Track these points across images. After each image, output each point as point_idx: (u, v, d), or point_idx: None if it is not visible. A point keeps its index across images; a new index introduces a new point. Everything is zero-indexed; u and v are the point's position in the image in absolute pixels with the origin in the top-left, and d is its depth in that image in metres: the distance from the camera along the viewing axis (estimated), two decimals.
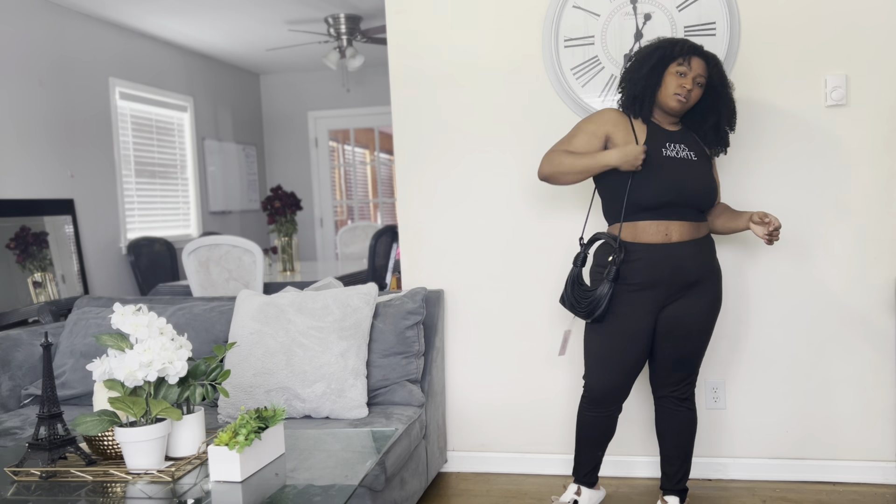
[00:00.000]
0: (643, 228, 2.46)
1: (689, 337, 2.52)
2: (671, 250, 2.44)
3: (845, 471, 2.97)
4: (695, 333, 2.53)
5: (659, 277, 2.45)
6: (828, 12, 2.87)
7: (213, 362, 2.02)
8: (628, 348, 2.50)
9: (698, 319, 2.51)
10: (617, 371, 2.53)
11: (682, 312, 2.49)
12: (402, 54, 3.22)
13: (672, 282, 2.45)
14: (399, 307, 2.90)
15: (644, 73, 2.43)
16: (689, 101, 2.43)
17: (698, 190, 2.46)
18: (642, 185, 2.43)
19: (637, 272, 2.45)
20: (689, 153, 2.49)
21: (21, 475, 1.88)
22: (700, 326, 2.53)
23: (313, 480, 1.88)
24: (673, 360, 2.56)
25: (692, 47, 2.42)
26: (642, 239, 2.46)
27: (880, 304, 2.92)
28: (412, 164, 3.25)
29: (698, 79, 2.41)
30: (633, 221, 2.47)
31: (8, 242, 4.54)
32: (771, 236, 2.38)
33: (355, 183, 8.29)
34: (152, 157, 6.26)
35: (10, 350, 3.05)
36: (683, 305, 2.49)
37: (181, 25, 5.99)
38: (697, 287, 2.49)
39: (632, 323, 2.48)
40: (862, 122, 2.89)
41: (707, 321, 2.54)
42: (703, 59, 2.43)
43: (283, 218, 5.14)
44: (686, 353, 2.55)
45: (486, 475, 3.20)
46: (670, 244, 2.44)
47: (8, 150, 4.65)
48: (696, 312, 2.50)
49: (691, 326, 2.51)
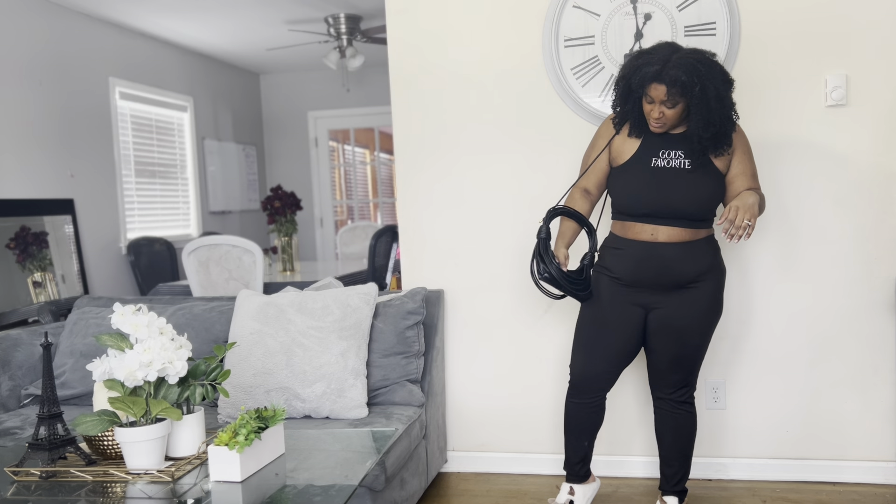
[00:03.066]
0: (631, 226, 2.48)
1: (682, 339, 2.49)
2: (657, 250, 2.43)
3: (845, 471, 2.97)
4: (689, 336, 2.49)
5: (642, 276, 2.46)
6: (828, 12, 2.87)
7: (212, 362, 2.02)
8: (608, 336, 2.53)
9: (692, 322, 2.48)
10: (597, 357, 2.55)
11: (674, 314, 2.47)
12: (402, 54, 3.22)
13: (658, 282, 2.45)
14: (399, 307, 2.90)
15: (624, 105, 2.46)
16: (667, 122, 2.39)
17: (687, 201, 2.41)
18: (629, 196, 2.46)
19: (622, 266, 2.48)
20: (685, 161, 2.42)
21: (21, 475, 1.87)
22: (695, 329, 2.49)
23: (313, 480, 1.88)
24: (667, 362, 2.54)
25: (647, 76, 2.32)
26: (629, 235, 2.48)
27: (880, 304, 2.92)
28: (412, 164, 3.24)
29: (666, 103, 2.34)
30: (622, 221, 2.52)
31: (8, 242, 4.54)
32: (727, 233, 2.27)
33: (355, 183, 8.29)
34: (152, 156, 6.26)
35: (10, 350, 3.05)
36: (675, 307, 2.47)
37: (181, 25, 5.99)
38: (691, 289, 2.46)
39: (611, 312, 2.51)
40: (862, 121, 2.88)
41: (702, 324, 2.50)
42: (660, 83, 2.31)
43: (283, 218, 5.14)
44: (680, 356, 2.52)
45: (486, 475, 3.20)
46: (657, 244, 2.43)
47: (8, 149, 4.65)
48: (688, 314, 2.47)
49: (684, 329, 2.48)
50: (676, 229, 2.42)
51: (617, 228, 2.53)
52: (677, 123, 2.42)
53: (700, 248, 2.46)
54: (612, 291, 2.51)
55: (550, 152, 3.11)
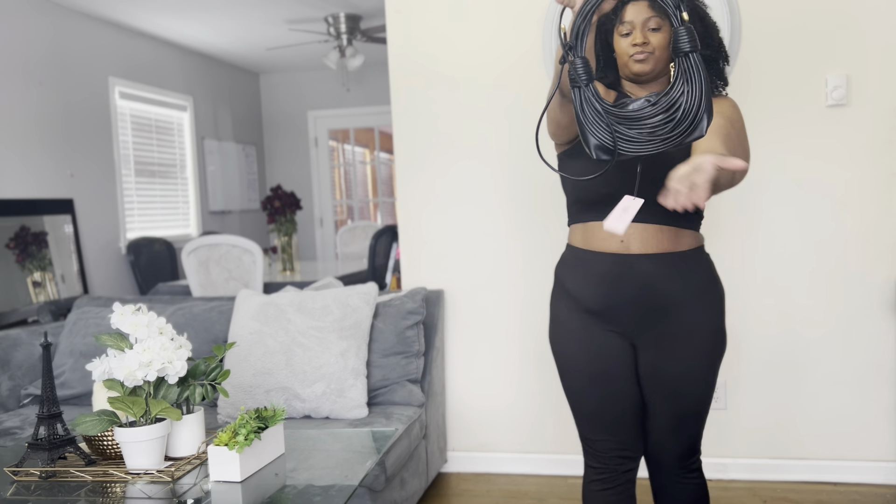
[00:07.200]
0: (593, 230, 1.82)
1: (678, 392, 1.83)
2: (632, 265, 1.76)
3: (845, 471, 2.97)
4: (689, 387, 1.83)
5: (616, 302, 1.79)
6: (828, 12, 2.87)
7: (212, 362, 2.02)
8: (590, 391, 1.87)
9: (690, 369, 1.81)
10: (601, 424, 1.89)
11: (666, 359, 1.81)
12: (402, 53, 3.22)
13: (637, 312, 1.79)
14: (399, 307, 2.90)
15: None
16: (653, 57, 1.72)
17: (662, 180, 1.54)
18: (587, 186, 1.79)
19: (588, 291, 1.82)
20: None
21: (21, 475, 1.87)
22: (696, 376, 1.83)
23: (313, 480, 1.88)
24: (664, 423, 1.87)
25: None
26: (593, 244, 1.82)
27: (880, 304, 2.92)
28: (412, 164, 3.24)
29: (650, 23, 1.71)
30: (583, 222, 1.85)
31: (7, 242, 4.54)
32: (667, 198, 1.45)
33: (355, 182, 8.28)
34: (152, 156, 6.25)
35: (9, 350, 3.05)
36: (665, 350, 1.81)
37: (181, 25, 5.99)
38: (681, 320, 1.79)
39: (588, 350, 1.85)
40: (863, 121, 2.88)
41: (704, 369, 1.83)
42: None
43: (283, 217, 5.14)
44: (680, 414, 1.86)
45: (486, 475, 3.20)
46: (629, 256, 1.77)
47: (7, 149, 4.65)
48: (684, 358, 1.81)
49: (681, 378, 1.82)
50: (653, 230, 1.76)
51: (577, 236, 1.87)
52: (661, 70, 1.76)
53: (690, 261, 1.80)
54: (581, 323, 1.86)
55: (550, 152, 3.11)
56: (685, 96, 1.41)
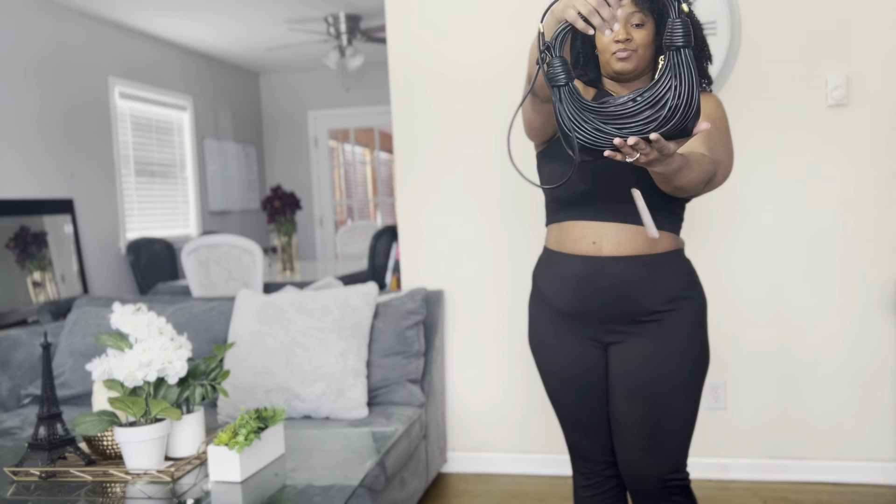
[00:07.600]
0: (567, 231, 1.78)
1: (652, 396, 1.72)
2: (603, 267, 1.71)
3: (845, 471, 2.97)
4: (665, 390, 1.73)
5: (587, 306, 1.75)
6: (829, 11, 2.87)
7: (212, 362, 2.02)
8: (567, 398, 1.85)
9: (666, 378, 1.72)
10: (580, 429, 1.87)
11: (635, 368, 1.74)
12: (402, 53, 3.22)
13: (609, 316, 1.74)
14: (399, 307, 2.90)
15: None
16: (635, 54, 1.66)
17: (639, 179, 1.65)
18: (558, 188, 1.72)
19: (560, 294, 1.79)
20: None
21: (21, 475, 1.87)
22: (673, 379, 1.73)
23: (313, 481, 1.88)
24: (638, 434, 1.75)
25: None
26: (565, 246, 1.77)
27: (880, 304, 2.92)
28: (412, 164, 3.24)
29: (633, 18, 1.64)
30: (558, 222, 1.81)
31: (7, 242, 4.53)
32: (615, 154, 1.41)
33: (355, 182, 8.28)
34: (152, 156, 6.25)
35: (9, 350, 3.05)
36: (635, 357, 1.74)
37: (181, 25, 5.99)
38: (654, 327, 1.72)
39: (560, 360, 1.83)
40: (863, 121, 2.88)
41: (679, 378, 1.73)
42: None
43: (283, 217, 5.14)
44: (655, 421, 1.73)
45: (486, 475, 3.20)
46: (601, 258, 1.71)
47: (7, 149, 4.64)
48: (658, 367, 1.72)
49: (656, 380, 1.72)
50: (627, 230, 1.70)
51: (552, 237, 1.83)
52: (644, 68, 1.70)
53: (664, 264, 1.73)
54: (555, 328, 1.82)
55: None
56: (671, 92, 1.35)
